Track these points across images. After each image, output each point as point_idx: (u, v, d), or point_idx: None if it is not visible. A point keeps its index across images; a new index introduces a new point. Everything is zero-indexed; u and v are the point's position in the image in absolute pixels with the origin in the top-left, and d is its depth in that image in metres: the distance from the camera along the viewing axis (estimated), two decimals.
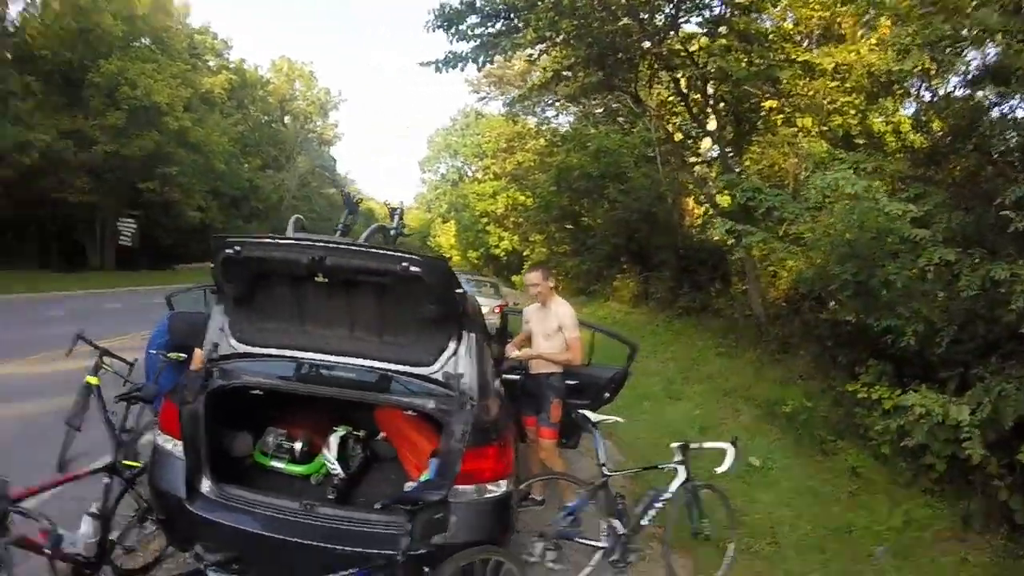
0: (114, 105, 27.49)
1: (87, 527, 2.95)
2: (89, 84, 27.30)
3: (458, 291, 3.20)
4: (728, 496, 4.46)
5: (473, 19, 11.72)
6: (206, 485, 3.17)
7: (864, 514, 5.07)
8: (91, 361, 4.63)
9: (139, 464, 3.43)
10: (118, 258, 32.56)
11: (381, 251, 3.16)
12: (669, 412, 8.05)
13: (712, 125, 13.50)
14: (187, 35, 38.96)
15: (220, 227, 36.26)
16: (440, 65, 12.01)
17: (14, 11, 26.64)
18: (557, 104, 24.04)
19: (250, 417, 3.86)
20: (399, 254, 3.03)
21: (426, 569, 2.71)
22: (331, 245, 3.14)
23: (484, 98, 37.65)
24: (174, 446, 3.20)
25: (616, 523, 3.80)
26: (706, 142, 15.90)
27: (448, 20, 11.61)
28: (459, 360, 3.40)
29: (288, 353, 3.53)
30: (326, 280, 3.16)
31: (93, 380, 4.49)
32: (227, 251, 3.10)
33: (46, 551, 2.66)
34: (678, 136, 16.27)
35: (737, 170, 12.05)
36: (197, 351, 4.14)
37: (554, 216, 25.88)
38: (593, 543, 3.85)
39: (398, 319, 3.40)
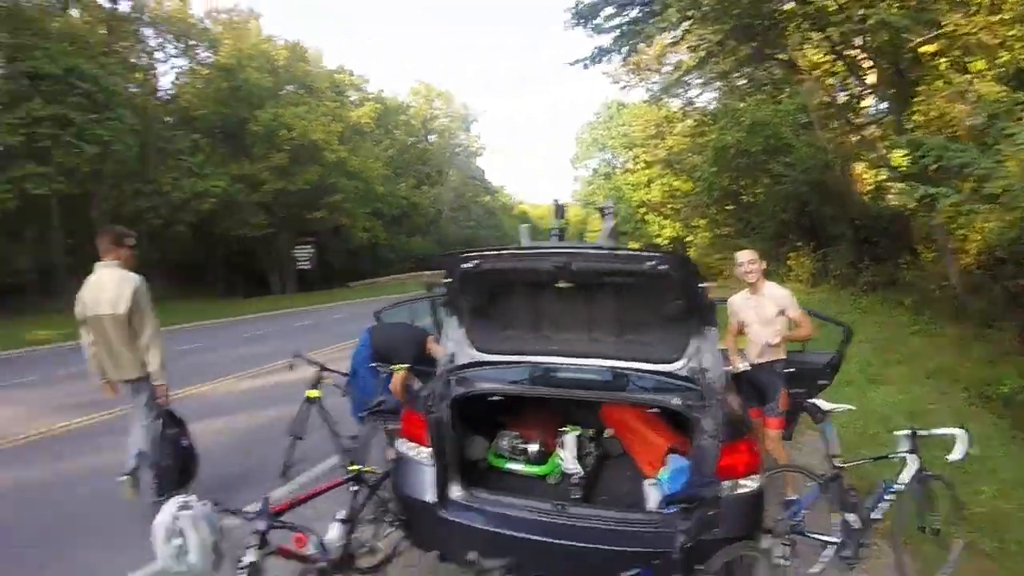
0: (275, 148, 30.85)
1: (335, 532, 3.07)
2: (249, 133, 30.82)
3: (702, 285, 3.17)
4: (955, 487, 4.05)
5: (608, 10, 11.64)
6: (455, 490, 3.25)
7: None
8: (289, 375, 5.23)
9: (372, 469, 3.52)
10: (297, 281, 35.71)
11: (626, 252, 3.20)
12: (872, 398, 7.40)
13: (872, 79, 12.24)
14: (327, 76, 42.47)
15: (386, 245, 40.31)
16: (588, 62, 12.07)
17: (165, 81, 30.89)
18: (699, 83, 23.04)
19: (480, 421, 3.95)
20: (646, 254, 3.06)
21: (698, 567, 2.66)
22: (575, 251, 3.19)
23: (624, 87, 36.79)
24: (419, 453, 3.30)
25: (851, 517, 3.59)
26: (867, 100, 14.45)
27: (583, 16, 11.62)
28: (703, 355, 3.37)
29: (527, 359, 3.64)
30: (569, 285, 3.23)
31: (314, 393, 5.03)
32: (465, 266, 3.26)
33: (306, 556, 2.75)
34: (839, 98, 14.95)
35: (908, 127, 10.83)
36: (397, 374, 4.63)
37: (715, 198, 24.78)
38: (825, 538, 3.64)
39: (639, 317, 3.45)
